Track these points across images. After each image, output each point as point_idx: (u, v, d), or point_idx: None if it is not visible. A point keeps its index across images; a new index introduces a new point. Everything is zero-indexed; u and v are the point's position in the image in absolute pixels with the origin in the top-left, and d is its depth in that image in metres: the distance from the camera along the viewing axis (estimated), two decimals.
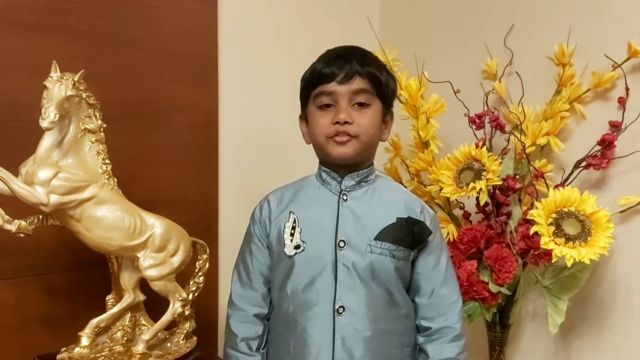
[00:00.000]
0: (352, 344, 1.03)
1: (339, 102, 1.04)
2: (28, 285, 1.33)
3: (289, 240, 1.08)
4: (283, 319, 1.10)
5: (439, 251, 1.12)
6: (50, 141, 1.11)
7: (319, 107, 1.07)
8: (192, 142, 1.54)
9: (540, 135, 1.35)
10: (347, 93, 1.04)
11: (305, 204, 1.11)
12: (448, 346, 1.08)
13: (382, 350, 1.06)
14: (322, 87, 1.05)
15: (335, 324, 1.04)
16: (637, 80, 1.26)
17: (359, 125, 1.04)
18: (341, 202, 1.09)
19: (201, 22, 1.53)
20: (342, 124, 1.03)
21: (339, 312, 1.04)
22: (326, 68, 1.05)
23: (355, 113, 1.04)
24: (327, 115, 1.05)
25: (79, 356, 1.20)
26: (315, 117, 1.07)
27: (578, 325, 1.37)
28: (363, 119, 1.04)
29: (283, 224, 1.09)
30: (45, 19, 1.31)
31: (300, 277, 1.07)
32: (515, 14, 1.47)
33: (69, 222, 1.14)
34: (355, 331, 1.04)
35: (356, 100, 1.05)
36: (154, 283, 1.22)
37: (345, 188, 1.09)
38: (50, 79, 1.08)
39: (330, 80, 1.04)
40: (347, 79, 1.03)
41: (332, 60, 1.05)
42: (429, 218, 1.12)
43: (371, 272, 1.05)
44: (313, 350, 1.04)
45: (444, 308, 1.09)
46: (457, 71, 1.50)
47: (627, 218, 1.27)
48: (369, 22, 1.61)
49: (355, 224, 1.07)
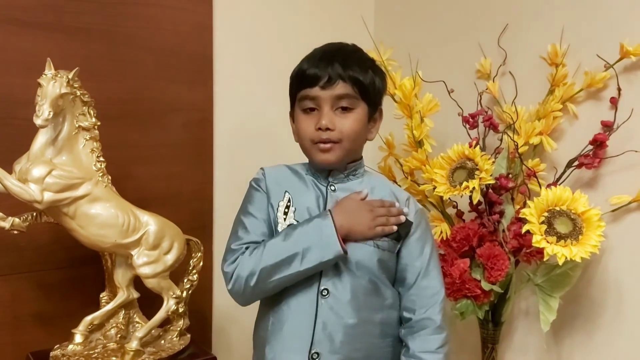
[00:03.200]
0: (333, 330, 1.04)
1: (322, 107, 1.05)
2: (22, 282, 1.34)
3: (282, 218, 1.09)
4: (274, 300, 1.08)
5: (422, 241, 1.12)
6: (44, 139, 1.11)
7: (304, 110, 1.08)
8: (187, 140, 1.54)
9: (533, 134, 1.36)
10: (330, 98, 1.05)
11: (298, 188, 1.12)
12: (428, 339, 1.07)
13: (362, 338, 1.06)
14: (305, 91, 1.06)
15: (318, 308, 1.04)
16: (629, 80, 1.27)
17: (340, 131, 1.05)
18: (329, 192, 1.11)
19: (196, 20, 1.53)
20: (324, 130, 1.04)
21: (322, 294, 1.04)
22: (310, 69, 1.05)
23: (337, 118, 1.05)
24: (310, 119, 1.07)
25: (73, 353, 1.21)
26: (300, 120, 1.09)
27: (570, 323, 1.38)
28: (345, 124, 1.05)
29: (277, 202, 1.10)
30: (41, 16, 1.31)
31: None
32: (509, 14, 1.48)
33: (63, 219, 1.15)
34: (337, 317, 1.04)
35: (339, 105, 1.05)
36: (148, 280, 1.23)
37: (333, 180, 1.12)
38: (44, 76, 1.09)
39: (313, 85, 1.05)
40: (329, 83, 1.04)
41: (316, 62, 1.06)
42: (414, 208, 1.13)
43: (355, 262, 1.06)
44: (290, 327, 1.04)
45: (425, 300, 1.09)
46: (451, 71, 1.50)
47: (618, 217, 1.28)
48: (364, 21, 1.62)
49: None
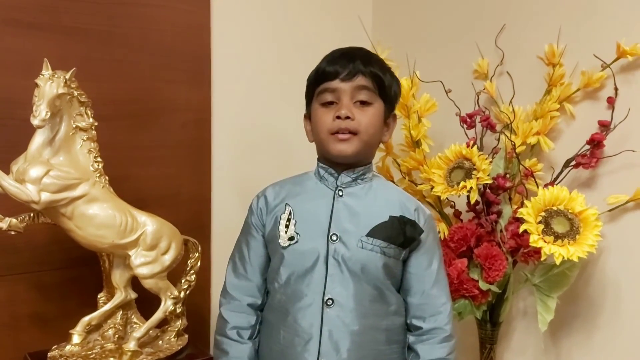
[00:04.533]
0: (339, 337, 1.04)
1: (341, 99, 1.07)
2: (19, 283, 1.34)
3: (284, 231, 1.09)
4: (275, 309, 1.11)
5: (432, 252, 1.12)
6: (41, 139, 1.11)
7: (322, 104, 1.09)
8: (184, 140, 1.54)
9: (531, 134, 1.36)
10: (350, 89, 1.06)
11: (301, 197, 1.12)
12: (438, 347, 1.09)
13: (368, 345, 1.06)
14: (325, 84, 1.08)
15: (324, 316, 1.05)
16: (625, 80, 1.27)
17: (359, 122, 1.06)
18: (337, 197, 1.10)
19: (194, 20, 1.53)
20: (344, 119, 1.05)
21: (327, 304, 1.05)
22: (330, 66, 1.07)
23: (356, 110, 1.06)
24: (329, 112, 1.07)
25: (70, 354, 1.21)
26: (319, 114, 1.09)
27: (567, 323, 1.38)
28: (364, 117, 1.07)
29: (279, 215, 1.11)
30: (38, 17, 1.31)
31: (293, 268, 1.08)
32: (506, 15, 1.48)
33: (61, 219, 1.15)
34: (342, 324, 1.05)
35: (358, 98, 1.07)
36: (146, 281, 1.23)
37: (342, 184, 1.11)
38: (41, 76, 1.08)
39: (333, 78, 1.07)
40: (350, 76, 1.06)
41: (336, 59, 1.08)
42: (423, 218, 1.12)
43: (360, 268, 1.06)
44: (302, 340, 1.05)
45: (435, 309, 1.10)
46: (448, 71, 1.51)
47: (615, 217, 1.28)
48: (361, 21, 1.62)
49: (349, 219, 1.08)
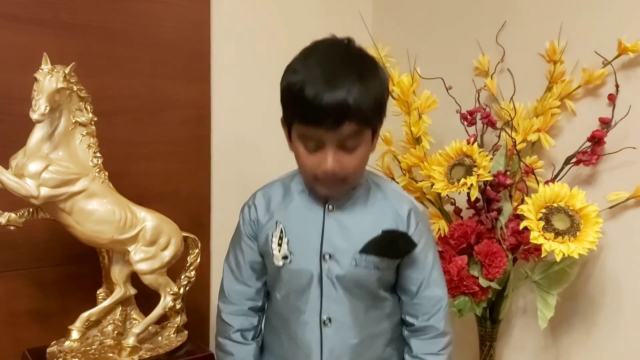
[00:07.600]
0: (340, 353, 1.05)
1: (327, 147, 0.95)
2: (18, 279, 1.33)
3: (277, 250, 1.06)
4: (278, 314, 1.11)
5: (425, 252, 1.09)
6: (40, 134, 1.11)
7: (305, 146, 0.97)
8: (184, 137, 1.54)
9: (531, 131, 1.36)
10: (336, 140, 0.94)
11: (291, 213, 1.07)
12: (431, 342, 1.09)
13: (368, 352, 1.08)
14: (309, 130, 0.94)
15: (323, 335, 1.05)
16: (626, 77, 1.27)
17: (347, 168, 0.97)
18: (327, 212, 1.05)
19: (194, 17, 1.53)
20: (330, 173, 0.96)
21: (325, 323, 1.05)
22: (314, 100, 0.90)
23: (343, 155, 0.96)
24: (314, 157, 0.96)
25: (69, 350, 1.21)
26: (300, 153, 0.98)
27: (567, 320, 1.37)
28: (352, 160, 0.97)
29: (270, 233, 1.06)
30: (37, 12, 1.31)
31: (290, 286, 1.07)
32: (507, 12, 1.48)
33: (60, 215, 1.14)
34: (341, 341, 1.05)
35: (345, 144, 0.95)
36: (145, 277, 1.22)
37: (331, 198, 1.05)
38: (40, 71, 1.08)
39: (317, 125, 0.92)
40: (336, 125, 0.92)
41: (319, 88, 0.90)
42: (416, 221, 1.07)
43: (354, 284, 1.05)
44: (303, 353, 1.06)
45: (427, 308, 1.09)
46: (449, 68, 1.50)
47: (616, 214, 1.28)
48: (362, 18, 1.61)
49: (341, 235, 1.04)
